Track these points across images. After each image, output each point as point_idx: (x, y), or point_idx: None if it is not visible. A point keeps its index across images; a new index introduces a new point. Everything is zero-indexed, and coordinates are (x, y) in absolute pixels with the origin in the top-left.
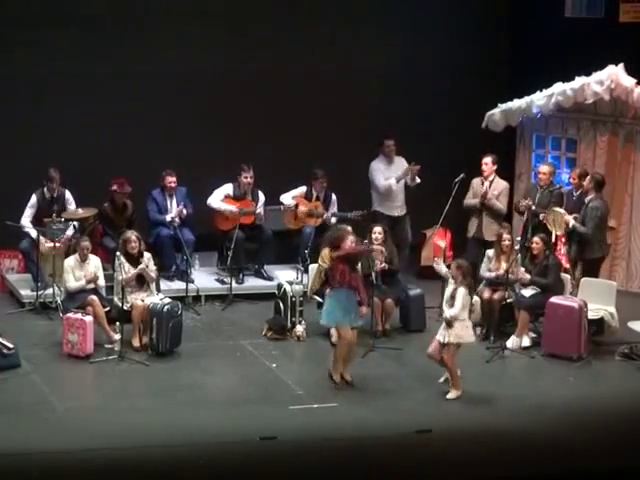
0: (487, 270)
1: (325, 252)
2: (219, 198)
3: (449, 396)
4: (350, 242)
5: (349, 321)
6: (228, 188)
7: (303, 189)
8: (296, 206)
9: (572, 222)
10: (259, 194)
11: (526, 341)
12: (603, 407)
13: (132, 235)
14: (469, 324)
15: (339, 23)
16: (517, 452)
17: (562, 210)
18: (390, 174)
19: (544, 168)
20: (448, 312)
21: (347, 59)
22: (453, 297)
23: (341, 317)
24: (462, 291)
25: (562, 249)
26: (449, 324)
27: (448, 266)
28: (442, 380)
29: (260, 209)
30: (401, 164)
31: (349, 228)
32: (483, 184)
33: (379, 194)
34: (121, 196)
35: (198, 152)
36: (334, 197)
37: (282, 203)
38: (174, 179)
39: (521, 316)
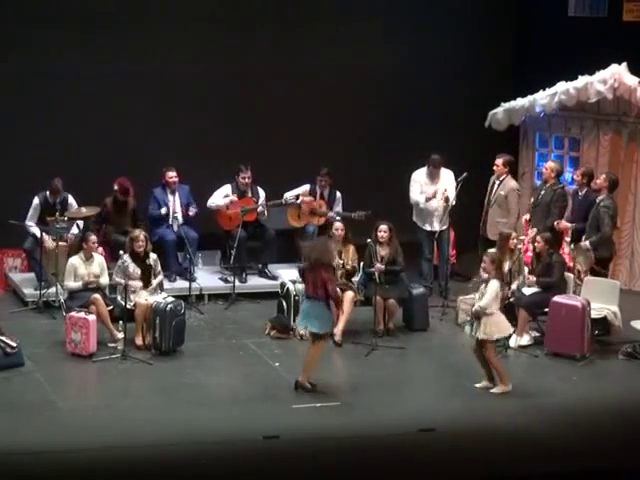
0: None
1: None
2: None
3: (494, 390)
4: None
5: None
6: (227, 189)
7: (307, 187)
8: (299, 205)
9: (585, 243)
10: (259, 190)
11: (525, 339)
12: (606, 406)
13: (140, 234)
14: (499, 318)
15: (339, 23)
16: (520, 451)
17: (583, 244)
18: (429, 189)
19: (548, 164)
20: (478, 303)
21: (347, 59)
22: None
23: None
24: (494, 283)
25: (566, 248)
26: (477, 316)
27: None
28: (479, 386)
29: (262, 205)
30: (446, 179)
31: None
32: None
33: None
34: (122, 196)
35: (199, 152)
36: (339, 195)
37: (286, 201)
38: (174, 174)
39: (520, 314)
